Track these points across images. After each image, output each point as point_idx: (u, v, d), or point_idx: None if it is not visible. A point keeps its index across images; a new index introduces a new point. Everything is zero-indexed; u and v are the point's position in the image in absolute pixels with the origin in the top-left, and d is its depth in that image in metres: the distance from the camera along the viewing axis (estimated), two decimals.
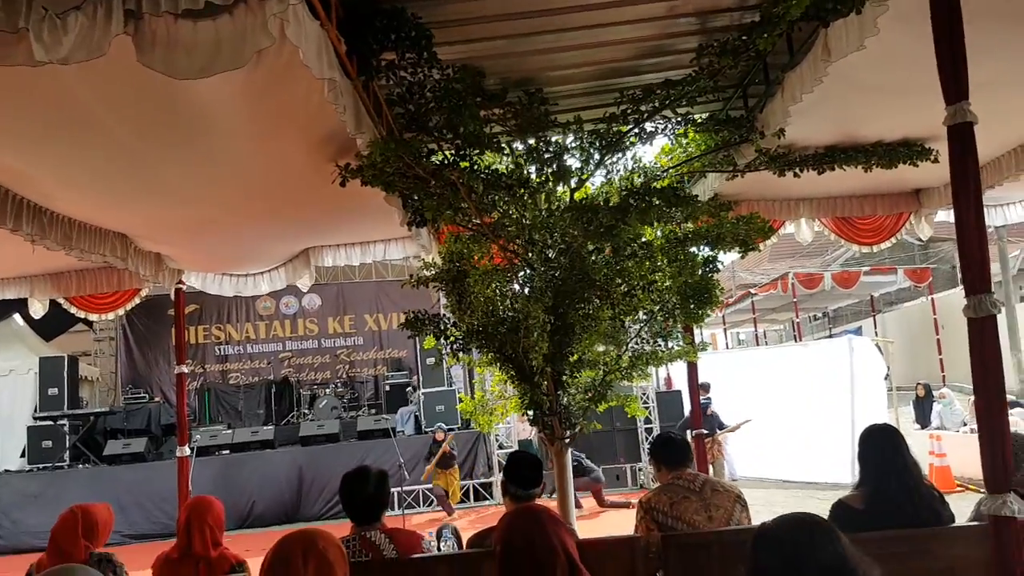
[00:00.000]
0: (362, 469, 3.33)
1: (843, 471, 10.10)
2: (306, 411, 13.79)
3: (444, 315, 5.44)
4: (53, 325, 13.01)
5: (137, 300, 6.46)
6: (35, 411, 12.34)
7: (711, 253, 5.10)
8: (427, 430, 12.50)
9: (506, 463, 3.45)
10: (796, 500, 10.06)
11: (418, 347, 13.26)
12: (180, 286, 6.32)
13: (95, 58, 2.59)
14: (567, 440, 5.10)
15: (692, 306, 5.17)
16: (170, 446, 12.24)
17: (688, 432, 7.83)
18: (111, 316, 6.83)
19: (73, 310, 6.39)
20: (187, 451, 6.12)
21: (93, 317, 6.71)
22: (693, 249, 5.03)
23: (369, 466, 3.37)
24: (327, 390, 14.50)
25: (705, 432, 10.46)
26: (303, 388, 14.79)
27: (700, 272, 5.02)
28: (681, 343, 5.70)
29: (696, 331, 7.14)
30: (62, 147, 3.78)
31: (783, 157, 4.90)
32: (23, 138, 3.63)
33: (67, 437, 11.91)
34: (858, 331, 23.80)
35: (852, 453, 10.18)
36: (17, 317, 13.56)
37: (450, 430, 11.57)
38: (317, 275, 6.83)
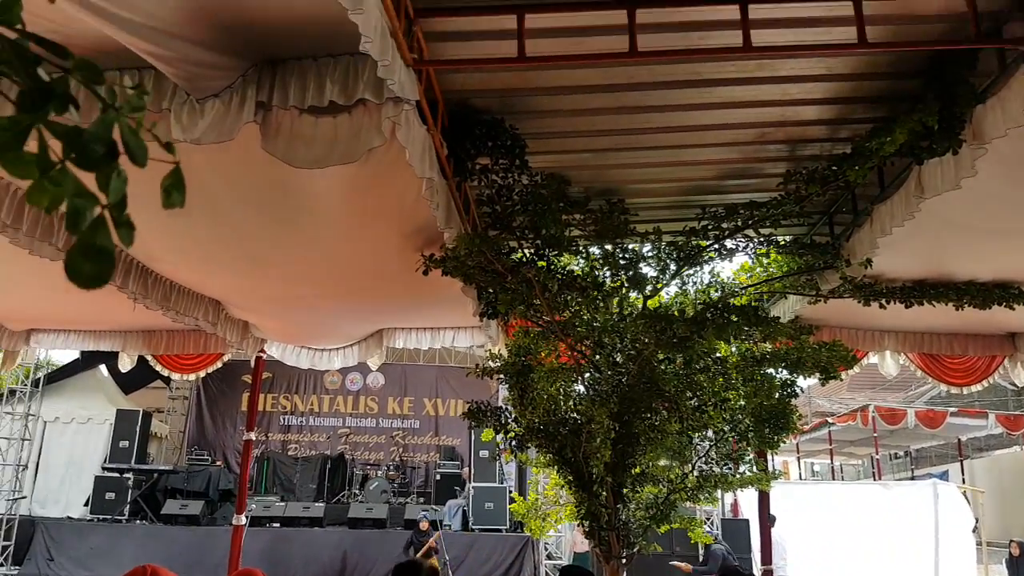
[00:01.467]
0: (414, 564, 3.30)
1: None
2: (357, 491, 13.70)
3: (505, 408, 5.44)
4: (134, 379, 13.59)
5: (219, 364, 6.73)
6: (105, 461, 12.74)
7: (790, 377, 4.96)
8: (473, 527, 12.17)
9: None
10: None
11: (473, 438, 13.12)
12: (261, 355, 6.57)
13: (224, 141, 2.85)
14: (624, 560, 4.89)
15: (767, 430, 4.99)
16: (224, 512, 12.33)
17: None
18: (192, 377, 7.12)
19: (158, 367, 6.71)
20: (243, 520, 6.17)
21: (176, 376, 7.02)
22: (771, 371, 4.92)
23: (421, 561, 3.34)
24: (379, 472, 14.41)
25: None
26: (356, 467, 14.75)
27: (777, 395, 4.87)
28: (753, 469, 5.47)
29: (768, 457, 6.85)
30: (174, 214, 4.10)
31: (869, 287, 4.80)
32: (144, 201, 3.96)
33: (130, 491, 12.19)
34: (944, 476, 22.14)
35: None
36: (102, 368, 14.25)
37: (490, 528, 11.18)
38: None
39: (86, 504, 12.24)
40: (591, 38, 3.04)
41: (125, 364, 6.58)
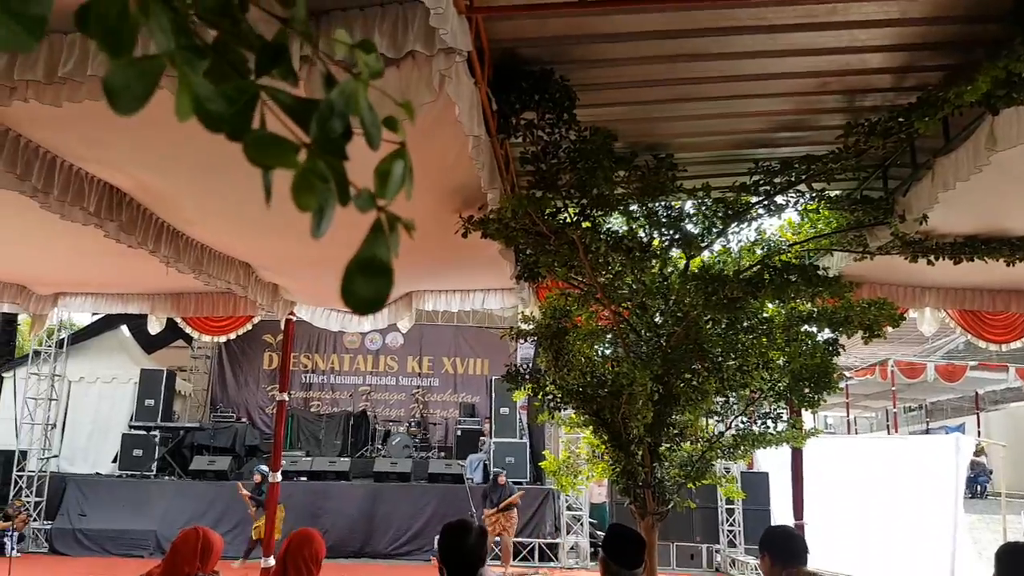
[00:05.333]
0: (464, 522, 3.26)
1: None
2: (380, 446, 13.89)
3: (541, 371, 5.38)
4: (156, 339, 13.66)
5: (248, 326, 6.69)
6: (131, 419, 12.92)
7: (832, 335, 4.86)
8: None
9: (608, 537, 3.28)
10: None
11: (493, 395, 13.20)
12: (291, 317, 6.52)
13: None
14: (658, 516, 4.89)
15: (807, 389, 4.92)
16: (251, 466, 12.51)
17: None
18: (222, 339, 7.10)
19: (188, 329, 6.68)
20: (278, 477, 6.20)
21: (206, 338, 6.99)
22: (813, 329, 4.82)
23: (470, 520, 3.31)
24: (401, 428, 14.58)
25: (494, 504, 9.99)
26: (378, 423, 14.93)
27: (819, 355, 4.78)
28: (786, 425, 5.42)
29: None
30: (213, 176, 3.99)
31: (919, 243, 4.65)
32: (186, 165, 3.86)
33: (157, 448, 12.38)
34: (960, 428, 22.18)
35: (952, 558, 9.39)
36: (124, 328, 14.34)
37: (516, 483, 11.34)
38: None
39: (114, 461, 12.46)
40: None
41: (154, 327, 6.55)
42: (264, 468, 10.74)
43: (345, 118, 0.57)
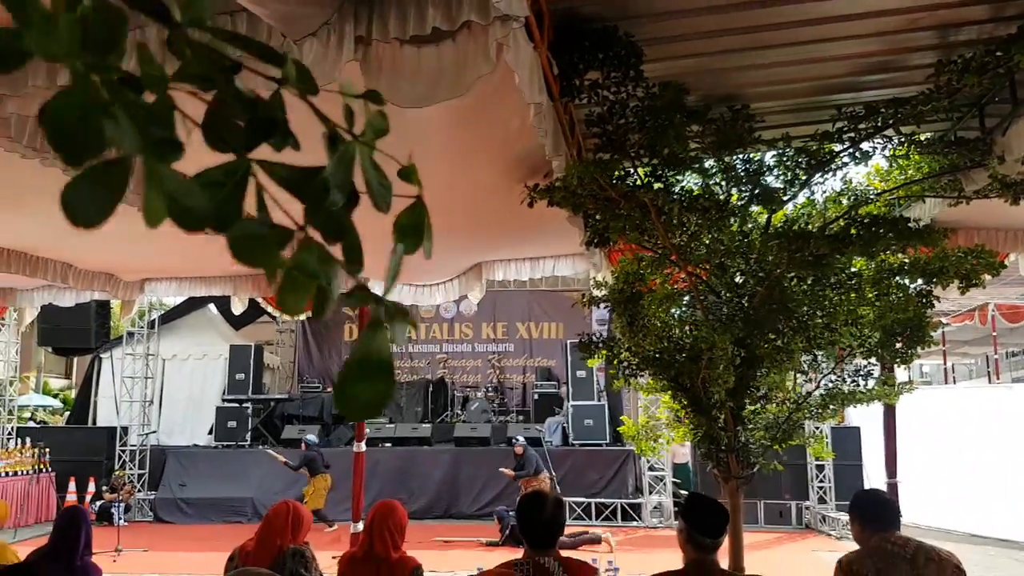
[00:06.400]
0: (540, 494, 3.25)
1: None
2: (459, 412, 14.15)
3: (615, 337, 5.28)
4: (242, 316, 14.24)
5: None
6: (223, 393, 13.59)
7: (925, 287, 4.55)
8: (573, 443, 12.38)
9: (687, 504, 3.18)
10: (989, 559, 8.88)
11: (569, 359, 13.18)
12: None
13: (325, 84, 2.68)
14: (743, 479, 4.76)
15: (899, 344, 4.65)
16: (339, 434, 13.00)
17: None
18: (302, 317, 7.29)
19: (270, 309, 6.89)
20: (363, 447, 6.37)
21: (287, 317, 7.19)
22: (905, 281, 4.53)
23: (546, 491, 3.30)
24: (479, 394, 14.80)
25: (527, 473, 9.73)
26: (456, 390, 15.20)
27: (912, 308, 4.49)
28: (877, 382, 5.15)
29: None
30: (281, 155, 4.03)
31: (1021, 184, 4.27)
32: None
33: (249, 419, 13.00)
34: None
35: None
36: (211, 307, 15.00)
37: (595, 445, 11.35)
38: None
39: (209, 433, 13.16)
40: None
41: (237, 307, 6.78)
42: (311, 437, 11.21)
43: (346, 187, 0.49)
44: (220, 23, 2.79)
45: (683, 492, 11.98)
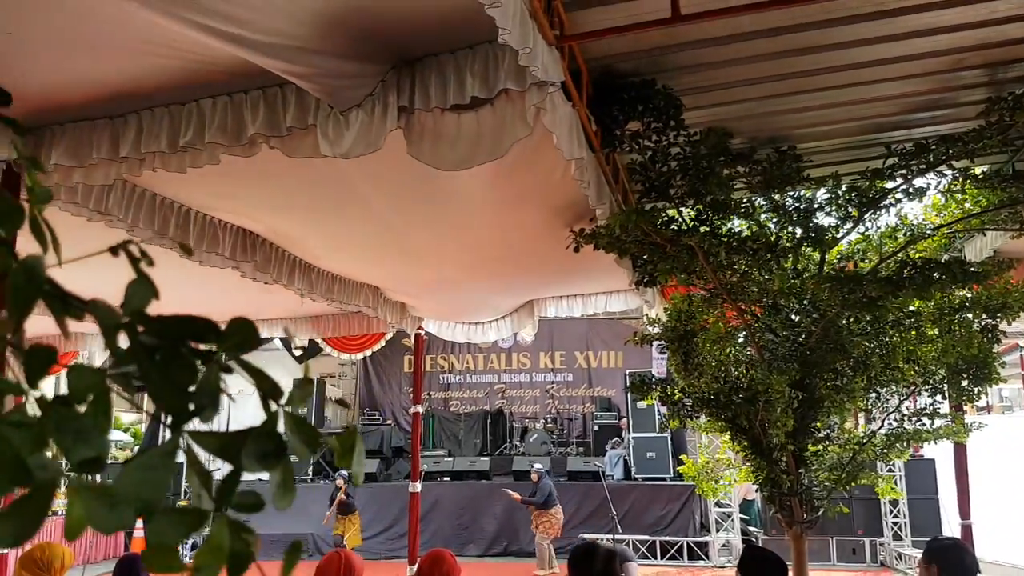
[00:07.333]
0: (590, 546, 3.24)
1: None
2: (518, 443, 14.10)
3: (670, 377, 5.23)
4: (305, 350, 14.64)
5: (382, 343, 6.99)
6: None
7: (991, 321, 4.36)
8: (636, 476, 12.16)
9: (744, 561, 3.11)
10: None
11: (628, 388, 12.99)
12: (420, 331, 6.76)
13: (371, 152, 2.80)
14: (807, 524, 4.61)
15: (965, 382, 4.46)
16: (398, 467, 13.13)
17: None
18: (359, 356, 7.47)
19: (328, 349, 7.09)
20: (418, 487, 6.45)
21: (345, 356, 7.39)
22: (968, 316, 4.35)
23: (599, 544, 3.28)
24: (538, 424, 14.72)
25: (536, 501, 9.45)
26: (515, 420, 15.16)
27: (976, 343, 4.31)
28: (947, 420, 4.93)
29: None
30: (331, 217, 4.21)
31: None
32: (304, 209, 4.10)
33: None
34: None
35: None
36: (277, 341, 15.48)
37: (659, 479, 11.09)
38: None
39: None
40: None
41: (295, 349, 6.99)
42: (345, 473, 11.25)
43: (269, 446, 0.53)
44: (271, 94, 2.94)
45: (752, 529, 11.59)
